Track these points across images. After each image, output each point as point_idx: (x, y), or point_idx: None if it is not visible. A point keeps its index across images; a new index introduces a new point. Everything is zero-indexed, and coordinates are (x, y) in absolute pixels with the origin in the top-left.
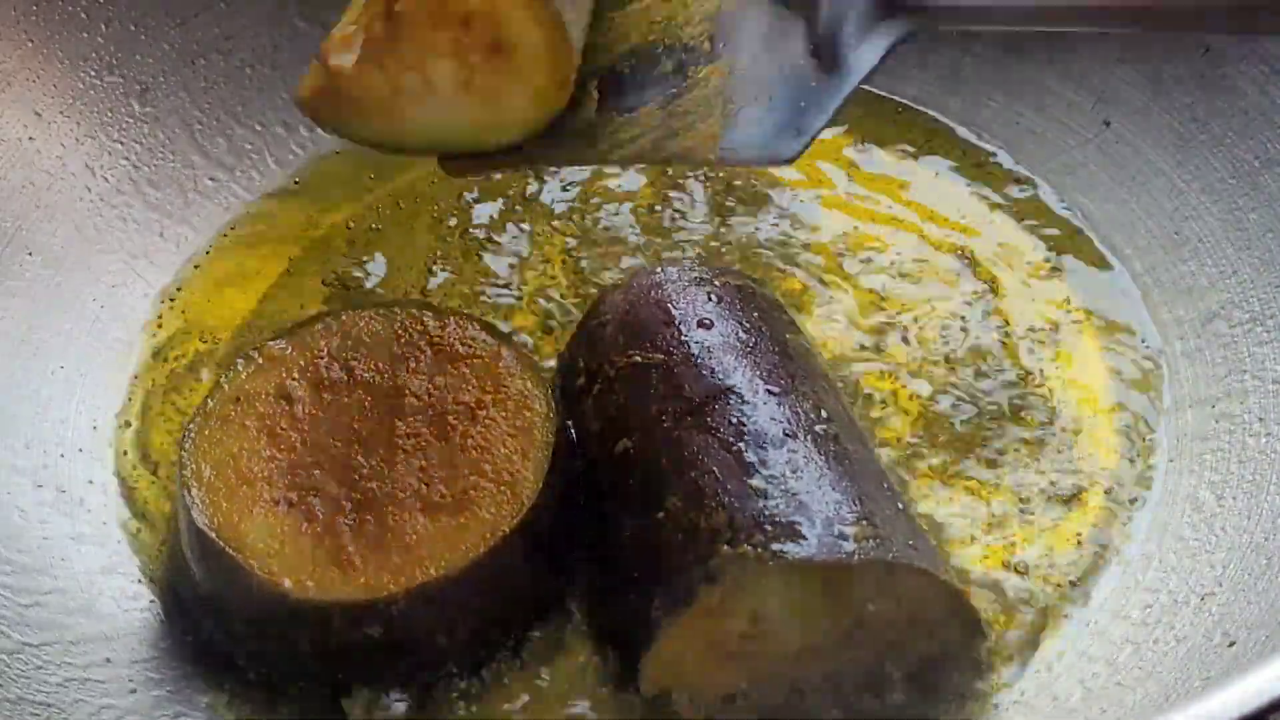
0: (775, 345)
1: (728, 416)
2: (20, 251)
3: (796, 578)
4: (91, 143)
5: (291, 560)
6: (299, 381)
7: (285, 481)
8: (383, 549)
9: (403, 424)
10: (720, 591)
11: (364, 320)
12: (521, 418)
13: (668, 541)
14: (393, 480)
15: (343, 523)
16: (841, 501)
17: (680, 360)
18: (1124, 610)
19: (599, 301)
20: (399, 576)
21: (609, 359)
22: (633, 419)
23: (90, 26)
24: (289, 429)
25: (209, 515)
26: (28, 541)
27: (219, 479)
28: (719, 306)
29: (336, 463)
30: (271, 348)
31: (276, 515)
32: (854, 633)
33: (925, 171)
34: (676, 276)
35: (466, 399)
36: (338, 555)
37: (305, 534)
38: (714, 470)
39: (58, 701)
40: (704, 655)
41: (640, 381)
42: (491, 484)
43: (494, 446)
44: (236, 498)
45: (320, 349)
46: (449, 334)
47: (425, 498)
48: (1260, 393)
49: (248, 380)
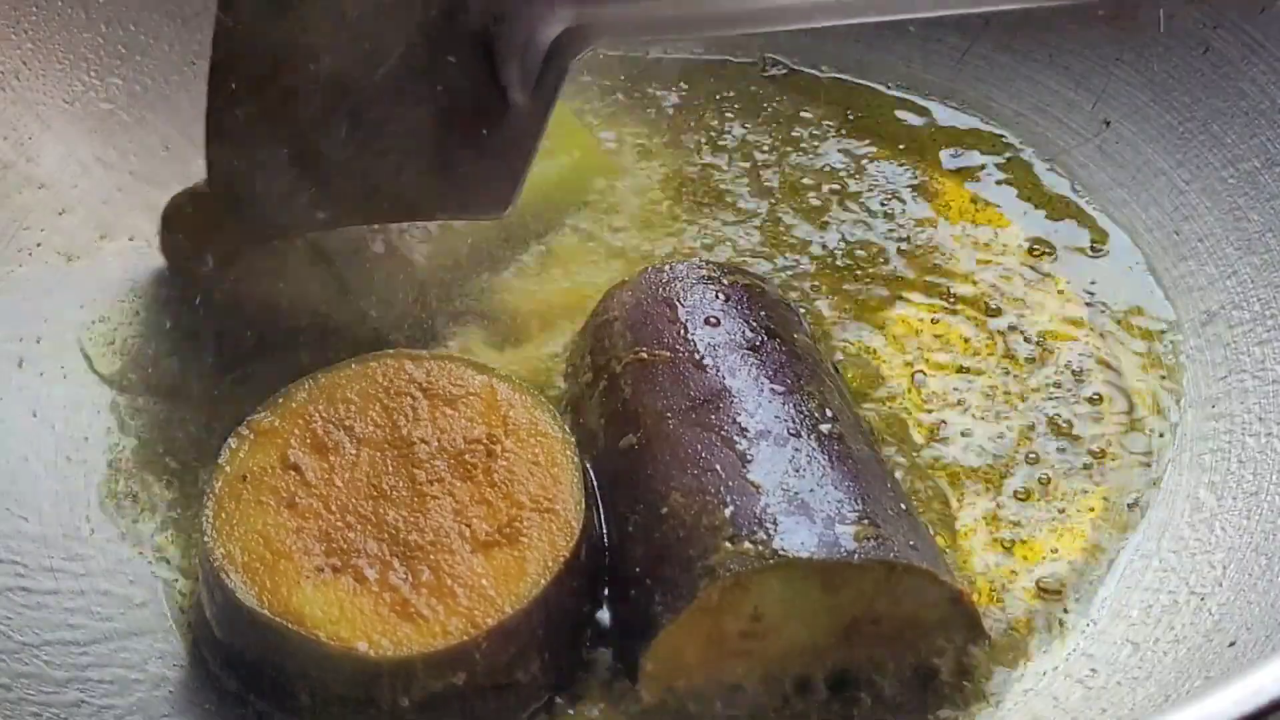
0: (782, 344)
1: (732, 414)
2: (20, 252)
3: (797, 576)
4: (92, 143)
5: (358, 623)
6: (301, 450)
7: (322, 548)
8: (448, 595)
9: (421, 471)
10: (720, 588)
11: (343, 378)
12: (540, 445)
13: (669, 538)
14: (431, 528)
15: (396, 578)
16: (843, 500)
17: (686, 357)
18: (1124, 610)
19: (606, 298)
20: (475, 619)
21: (615, 355)
22: (638, 415)
23: (90, 26)
24: (307, 497)
25: (256, 594)
26: (28, 542)
27: (253, 558)
28: (727, 304)
29: (368, 521)
30: (259, 421)
31: (326, 583)
32: (854, 631)
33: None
34: (685, 273)
35: (477, 436)
36: (404, 609)
37: (362, 595)
38: (716, 467)
39: (58, 702)
40: (704, 652)
41: (646, 378)
42: (535, 513)
43: (522, 477)
44: (278, 573)
45: (310, 415)
46: (436, 377)
47: (472, 538)
48: (1260, 393)
49: (248, 457)
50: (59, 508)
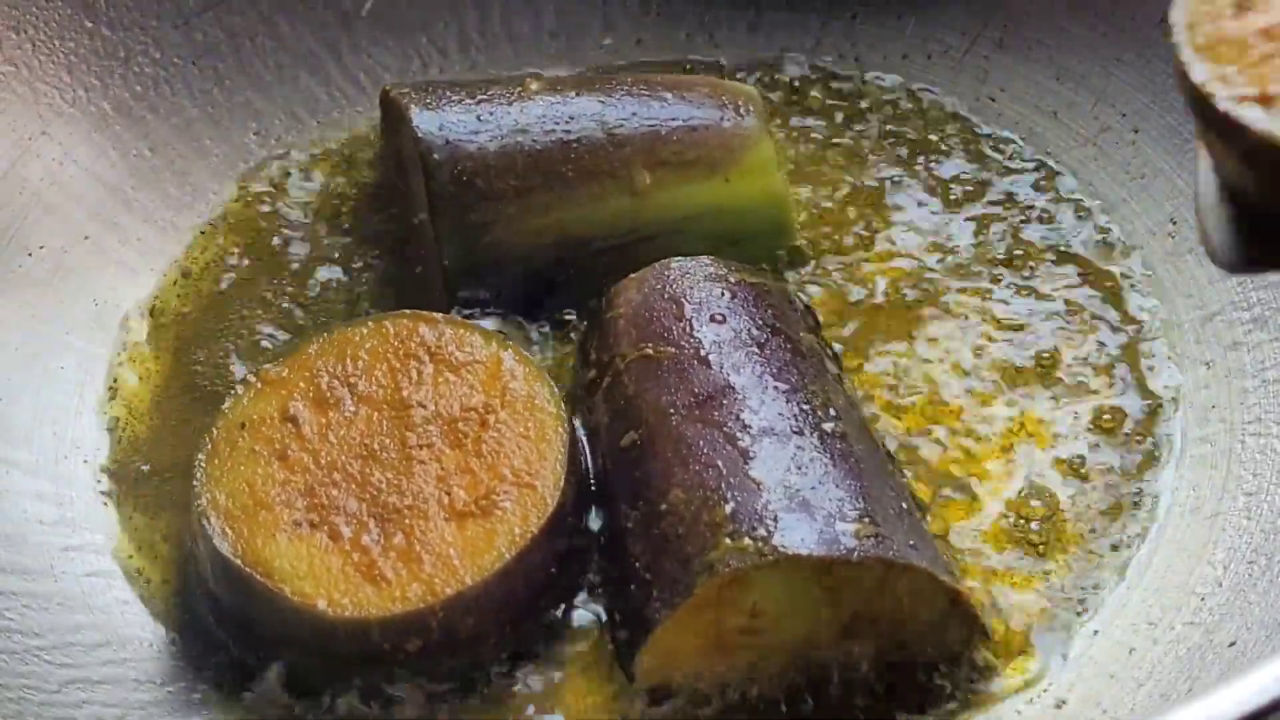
0: (787, 343)
1: (735, 411)
2: (20, 252)
3: (796, 573)
4: (91, 143)
5: (323, 580)
6: (302, 403)
7: (304, 503)
8: (414, 561)
9: (413, 435)
10: (719, 584)
11: (357, 335)
12: (532, 419)
13: (669, 533)
14: (412, 492)
15: (369, 539)
16: (844, 499)
17: (691, 354)
18: (1124, 611)
19: (613, 295)
20: (435, 587)
21: (620, 351)
22: (641, 411)
23: (91, 28)
24: (300, 451)
25: (231, 542)
26: (29, 544)
27: (236, 506)
28: (733, 302)
29: (353, 480)
30: (268, 371)
31: (301, 537)
32: (853, 630)
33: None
34: (692, 270)
35: (474, 405)
36: (370, 571)
37: (333, 553)
38: (718, 464)
39: (59, 702)
40: (702, 648)
41: (650, 374)
42: (513, 487)
43: (509, 450)
44: (257, 523)
45: (318, 369)
46: (445, 342)
47: (449, 506)
48: (1260, 393)
49: (250, 406)
50: (61, 508)
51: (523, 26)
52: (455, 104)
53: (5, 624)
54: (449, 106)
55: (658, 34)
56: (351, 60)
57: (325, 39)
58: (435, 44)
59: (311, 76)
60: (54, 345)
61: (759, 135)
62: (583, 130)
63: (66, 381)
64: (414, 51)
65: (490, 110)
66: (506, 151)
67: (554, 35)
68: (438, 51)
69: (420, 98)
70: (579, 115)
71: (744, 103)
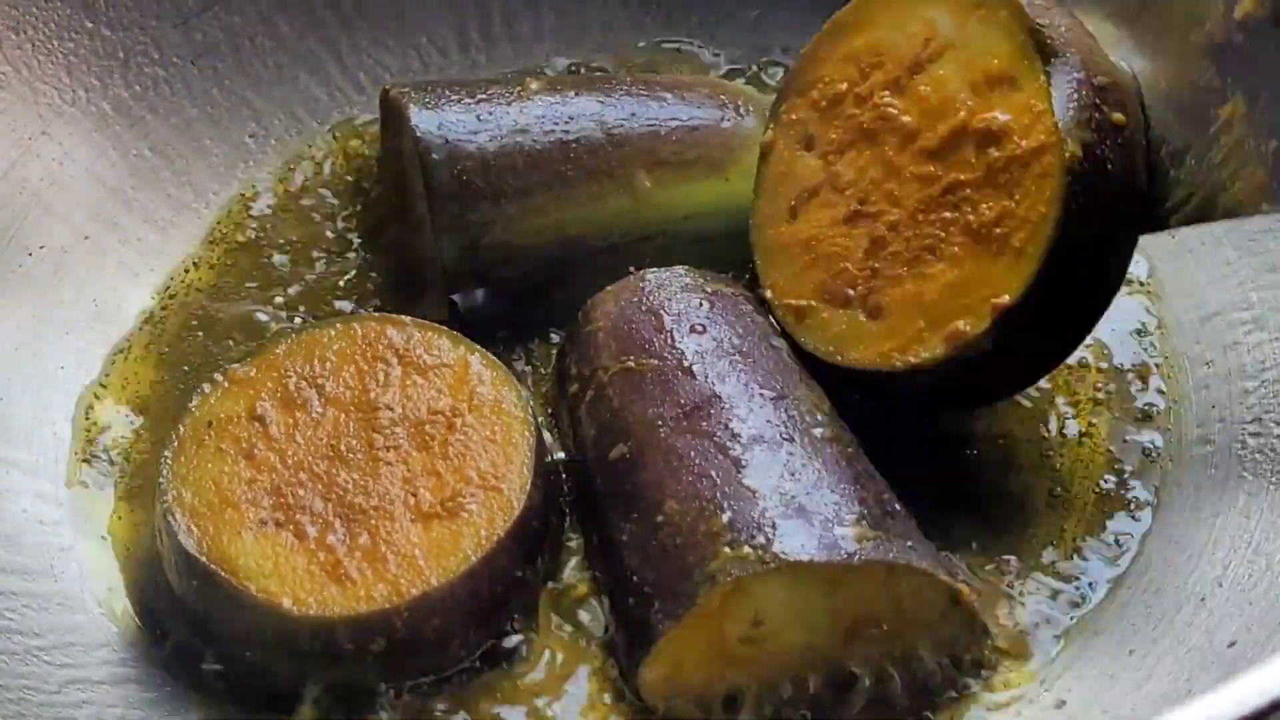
0: (769, 350)
1: (723, 420)
2: (20, 252)
3: (798, 579)
4: (91, 143)
5: (288, 579)
6: (270, 403)
7: (270, 502)
8: (379, 561)
9: (380, 437)
10: (721, 594)
11: (325, 337)
12: (499, 422)
13: (667, 545)
14: (378, 493)
15: (334, 538)
16: (840, 503)
17: (674, 365)
18: (1124, 611)
19: (590, 308)
20: (400, 588)
21: (602, 365)
22: (628, 424)
23: (91, 28)
24: (266, 450)
25: (196, 539)
26: (29, 544)
27: (202, 503)
28: (711, 311)
29: (319, 480)
30: (236, 370)
31: (266, 535)
32: (854, 633)
33: None
34: (668, 281)
35: (441, 408)
36: (335, 571)
37: (298, 552)
38: (711, 474)
39: (59, 702)
40: (704, 658)
41: (635, 387)
42: (479, 489)
43: (475, 453)
44: (223, 520)
45: (286, 369)
46: (414, 345)
47: (415, 508)
48: (1260, 393)
49: (218, 404)
50: (61, 508)
51: (523, 27)
52: (455, 104)
53: (5, 624)
54: (449, 106)
55: (657, 34)
56: (351, 60)
57: (325, 39)
58: (435, 44)
59: (311, 76)
60: (54, 345)
61: (759, 135)
62: (582, 130)
63: (66, 381)
64: (414, 51)
65: (490, 110)
66: (506, 151)
67: (555, 35)
68: (438, 51)
69: (420, 97)
70: (578, 115)
71: (743, 103)
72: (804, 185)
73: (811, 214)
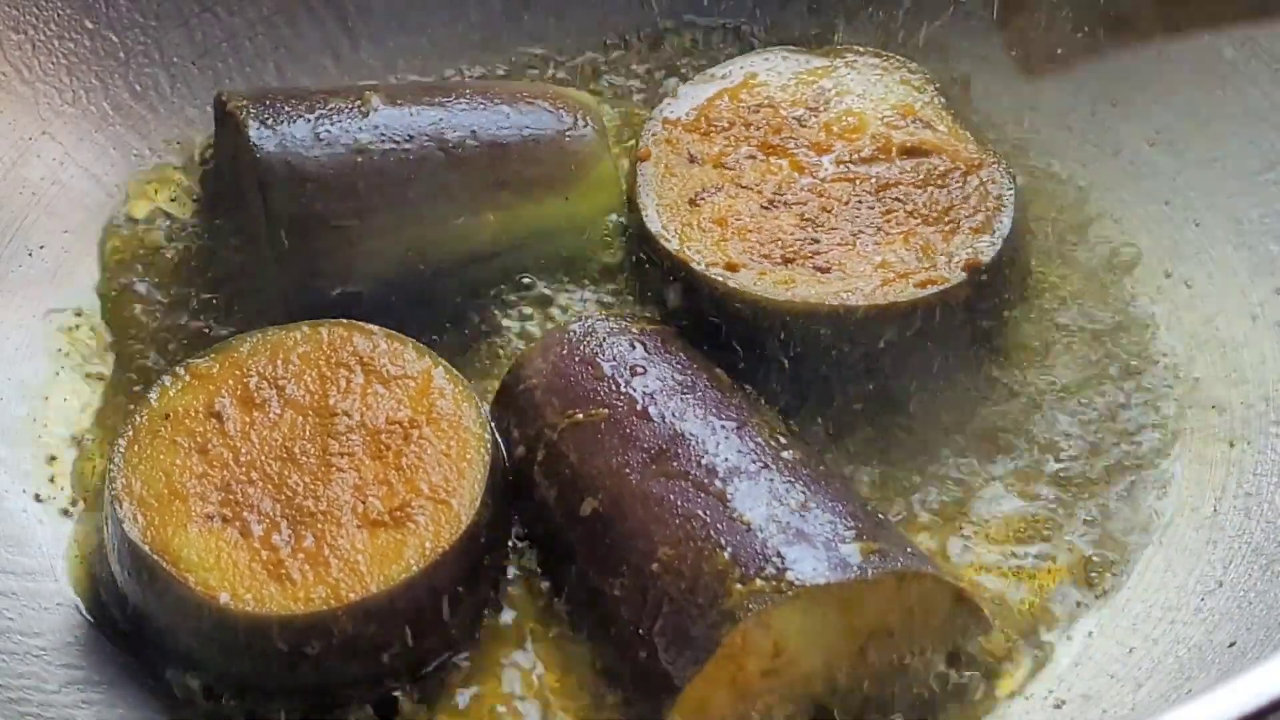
0: (712, 380)
1: (694, 458)
2: (20, 252)
3: (814, 604)
4: (91, 143)
5: (229, 574)
6: (229, 400)
7: (219, 498)
8: (322, 564)
9: (335, 442)
10: (743, 631)
11: (291, 339)
12: (456, 437)
13: (670, 593)
14: (328, 498)
15: (279, 538)
16: (835, 521)
17: (626, 411)
18: (1124, 611)
19: (517, 368)
20: (340, 592)
21: (547, 423)
22: (593, 478)
23: (90, 27)
24: (220, 446)
25: (141, 528)
26: (29, 544)
27: (150, 493)
28: (646, 352)
29: (270, 480)
30: (198, 365)
31: (212, 530)
32: (868, 646)
33: None
34: (594, 329)
35: (400, 418)
36: (276, 570)
37: (241, 549)
38: (699, 513)
39: (59, 702)
40: (728, 697)
41: (590, 440)
42: (430, 502)
43: (429, 465)
44: (170, 513)
45: (248, 367)
46: (379, 354)
47: (363, 515)
48: (1260, 393)
49: (176, 397)
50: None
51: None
52: (294, 120)
53: (5, 624)
54: (288, 123)
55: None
56: (351, 60)
57: (325, 39)
58: (436, 44)
59: (311, 76)
60: (53, 345)
61: (598, 149)
62: (421, 151)
63: (66, 380)
64: (414, 51)
65: (329, 128)
66: (346, 173)
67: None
68: (438, 51)
69: (258, 112)
70: (417, 135)
71: (582, 114)
72: (699, 186)
73: (720, 204)
